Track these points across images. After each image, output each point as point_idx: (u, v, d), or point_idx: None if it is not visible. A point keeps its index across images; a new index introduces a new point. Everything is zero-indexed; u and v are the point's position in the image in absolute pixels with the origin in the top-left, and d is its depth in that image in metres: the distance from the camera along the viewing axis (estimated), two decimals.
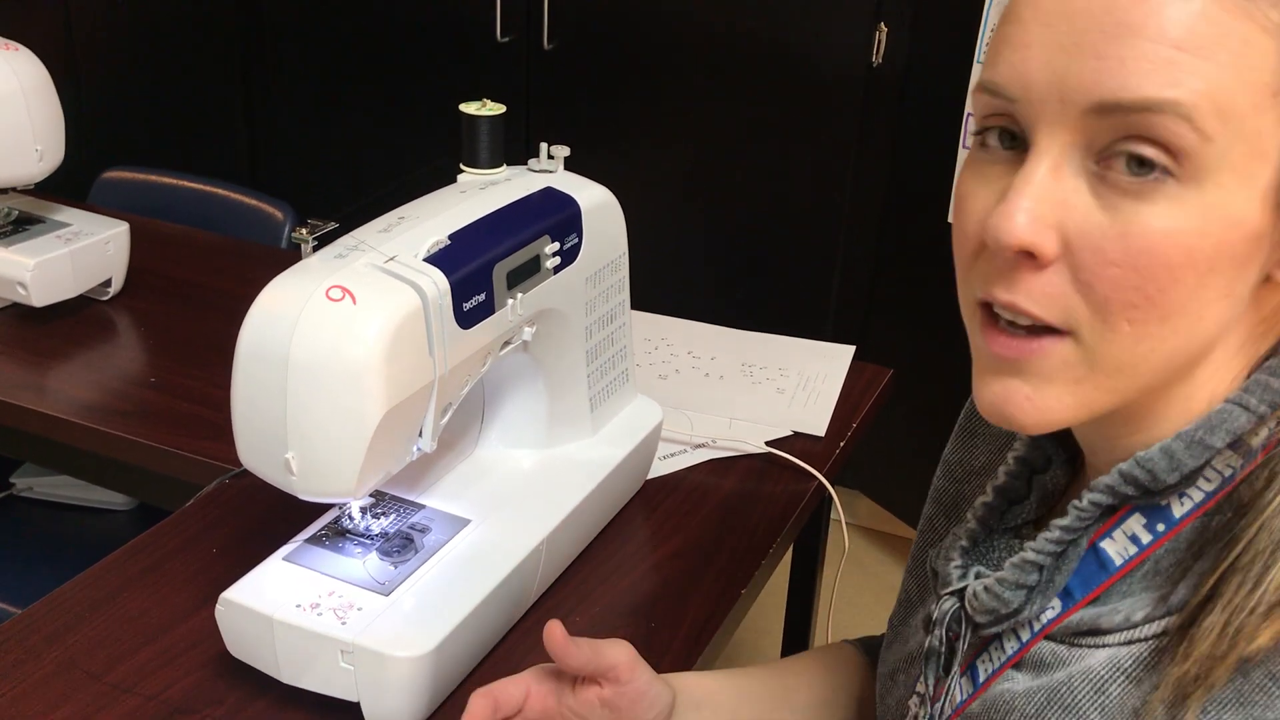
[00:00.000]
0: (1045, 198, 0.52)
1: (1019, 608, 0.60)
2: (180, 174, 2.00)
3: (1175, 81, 0.49)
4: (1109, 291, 0.51)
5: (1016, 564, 0.61)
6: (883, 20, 2.07)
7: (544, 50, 2.32)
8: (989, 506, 0.68)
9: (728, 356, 1.41)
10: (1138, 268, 0.51)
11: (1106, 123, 0.50)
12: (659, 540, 1.09)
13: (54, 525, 1.58)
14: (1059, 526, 0.59)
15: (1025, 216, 0.52)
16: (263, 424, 0.78)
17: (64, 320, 1.44)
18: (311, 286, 0.77)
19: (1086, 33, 0.50)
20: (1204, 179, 0.50)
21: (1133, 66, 0.49)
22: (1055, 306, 0.53)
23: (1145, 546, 0.58)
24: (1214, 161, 0.50)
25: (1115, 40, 0.50)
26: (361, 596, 0.85)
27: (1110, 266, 0.51)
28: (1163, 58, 0.49)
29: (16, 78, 1.35)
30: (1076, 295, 0.52)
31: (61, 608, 0.96)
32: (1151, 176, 0.50)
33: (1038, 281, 0.53)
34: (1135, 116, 0.50)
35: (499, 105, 0.97)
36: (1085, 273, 0.52)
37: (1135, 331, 0.52)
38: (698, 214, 2.36)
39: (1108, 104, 0.50)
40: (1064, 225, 0.52)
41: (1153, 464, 0.56)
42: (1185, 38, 0.49)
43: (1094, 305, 0.52)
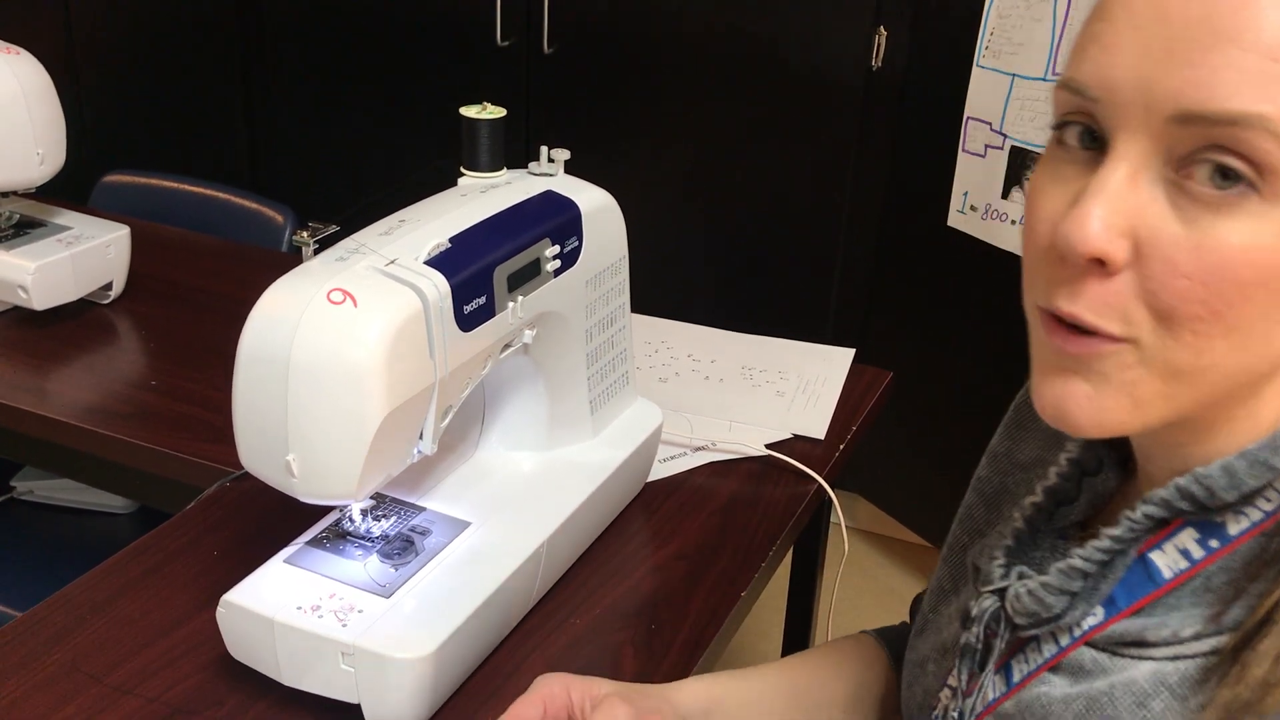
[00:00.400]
0: (1120, 205, 0.51)
1: (1060, 613, 0.60)
2: (181, 177, 2.00)
3: (1268, 96, 0.47)
4: (1175, 302, 0.50)
5: (1063, 570, 0.60)
6: (882, 23, 2.07)
7: (544, 54, 2.32)
8: (1037, 507, 0.67)
9: (728, 359, 1.41)
10: (1208, 282, 0.50)
11: (1190, 131, 0.49)
12: (659, 543, 1.09)
13: (54, 528, 1.58)
14: (1109, 535, 0.58)
15: (1099, 224, 0.51)
16: (264, 426, 0.79)
17: (65, 324, 1.44)
18: (312, 289, 0.77)
19: (1179, 39, 0.49)
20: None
21: (1224, 76, 0.48)
22: (1117, 316, 0.52)
23: (1196, 561, 0.56)
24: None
25: (1209, 48, 0.48)
26: (362, 599, 0.85)
27: (1180, 278, 0.50)
28: (1257, 69, 0.47)
29: (18, 81, 1.36)
30: (1140, 303, 0.51)
31: (62, 610, 0.96)
32: (1234, 190, 0.49)
33: (1102, 290, 0.52)
34: (1222, 129, 0.48)
35: (499, 108, 0.98)
36: (1153, 282, 0.51)
37: (1198, 343, 0.51)
38: (698, 217, 2.36)
39: (1194, 114, 0.49)
40: (1136, 233, 0.51)
41: (1212, 481, 0.55)
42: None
43: (1158, 314, 0.51)
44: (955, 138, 2.00)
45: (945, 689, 0.69)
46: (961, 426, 2.14)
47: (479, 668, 0.92)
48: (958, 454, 2.00)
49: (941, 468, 2.21)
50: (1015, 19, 1.87)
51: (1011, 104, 1.90)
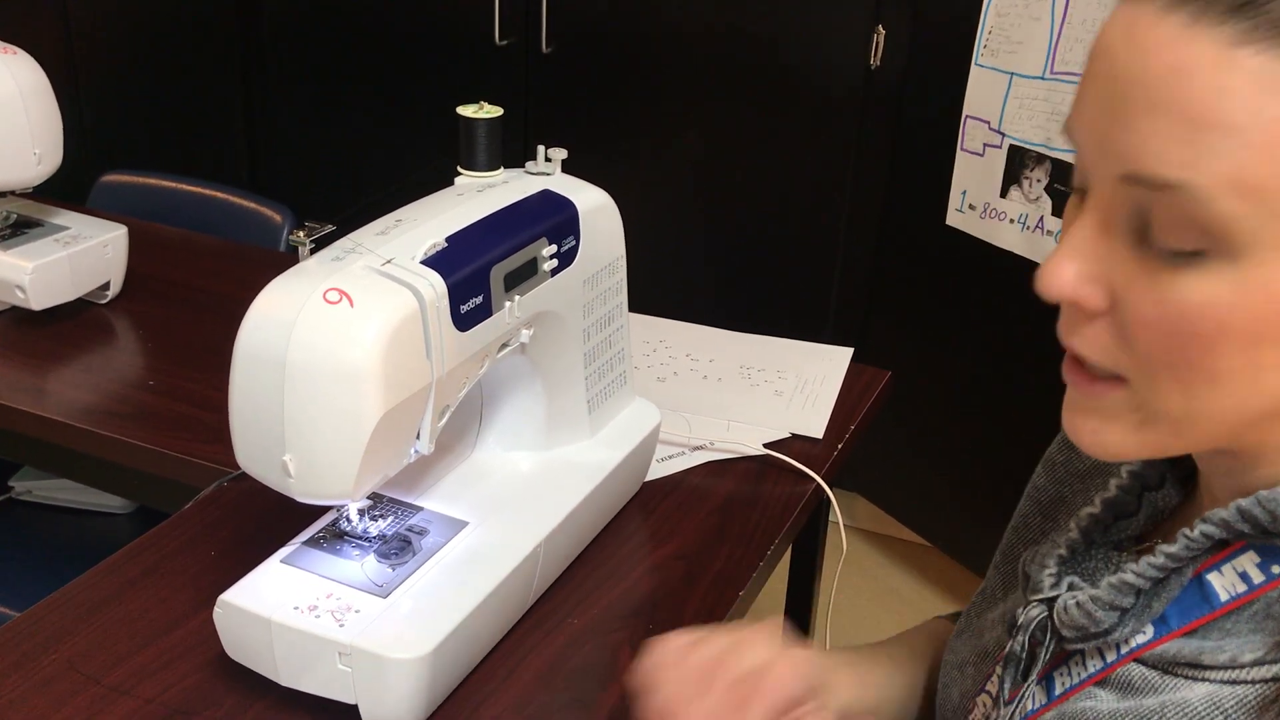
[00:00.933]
0: (1090, 253, 0.53)
1: (1109, 629, 0.59)
2: (179, 177, 2.00)
3: (1191, 163, 0.48)
4: (1149, 350, 0.52)
5: (1115, 584, 0.59)
6: (881, 22, 2.07)
7: (542, 53, 2.32)
8: (1094, 518, 0.66)
9: (726, 359, 1.41)
10: (1172, 334, 0.51)
11: (1139, 191, 0.50)
12: (657, 542, 1.09)
13: (52, 528, 1.58)
14: (1165, 553, 0.57)
15: (1067, 272, 0.53)
16: (260, 426, 0.78)
17: (62, 323, 1.44)
18: (309, 289, 0.77)
19: (1123, 100, 0.50)
20: (1240, 255, 0.49)
21: (1154, 144, 0.49)
22: (1107, 355, 0.54)
23: (1256, 586, 0.55)
24: (1248, 238, 0.48)
25: (1144, 113, 0.49)
26: (359, 599, 0.85)
27: (1147, 329, 0.52)
28: (1183, 137, 0.48)
29: (15, 81, 1.35)
30: (1123, 347, 0.53)
31: (60, 610, 0.96)
32: (1189, 248, 0.50)
33: (1090, 329, 0.54)
34: (1159, 193, 0.49)
35: (496, 108, 0.98)
36: (1126, 329, 0.53)
37: (1183, 389, 0.52)
38: (696, 216, 2.36)
39: (1134, 176, 0.50)
40: (1110, 280, 0.53)
41: (1276, 505, 0.54)
42: (1209, 116, 0.47)
43: (1138, 360, 0.53)
44: (954, 137, 2.00)
45: (983, 694, 0.68)
46: (961, 425, 2.15)
47: (476, 668, 0.92)
48: (957, 453, 2.00)
49: (941, 467, 2.21)
50: (1014, 18, 1.87)
51: (1010, 103, 1.90)
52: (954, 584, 2.32)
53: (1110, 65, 0.51)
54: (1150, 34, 0.49)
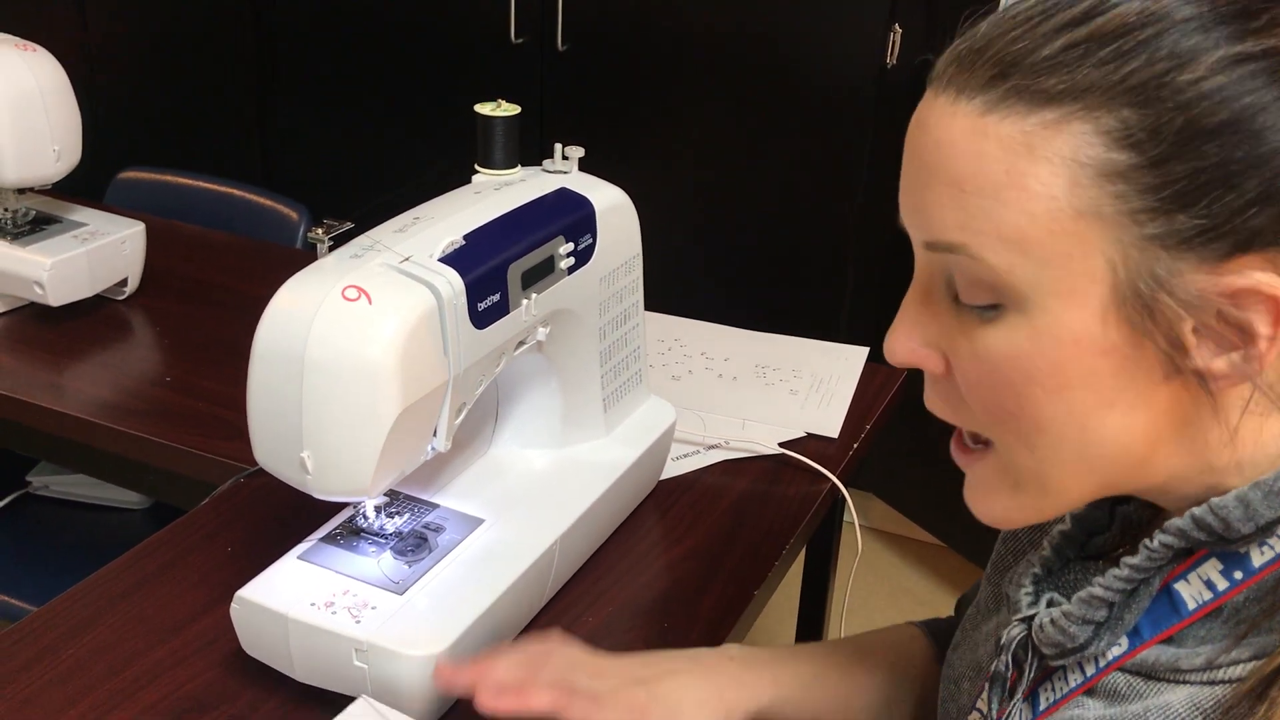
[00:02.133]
0: (919, 320, 0.57)
1: (1085, 643, 0.60)
2: (195, 175, 2.01)
3: (962, 224, 0.52)
4: (982, 406, 0.56)
5: (1084, 599, 0.60)
6: (896, 21, 2.07)
7: (558, 51, 2.32)
8: (1065, 535, 0.67)
9: (741, 357, 1.41)
10: (991, 387, 0.55)
11: (938, 256, 0.55)
12: (672, 541, 1.09)
13: (69, 523, 1.59)
14: (1129, 565, 0.58)
15: (898, 341, 0.58)
16: (279, 423, 0.79)
17: (80, 320, 1.45)
18: (328, 286, 0.77)
19: (915, 175, 0.55)
20: (1026, 304, 0.52)
21: (931, 212, 0.54)
22: (960, 415, 0.58)
23: (1221, 593, 0.56)
24: (1032, 290, 0.52)
25: (925, 185, 0.54)
26: (376, 595, 0.85)
27: (973, 386, 0.56)
28: (951, 202, 0.53)
29: (35, 78, 1.36)
30: (965, 406, 0.57)
31: (77, 605, 0.96)
32: (985, 304, 0.54)
33: (940, 390, 0.58)
34: (947, 255, 0.54)
35: (514, 106, 0.98)
36: (960, 388, 0.56)
37: (1023, 443, 0.55)
38: (710, 215, 2.36)
39: (929, 243, 0.55)
40: (940, 345, 0.57)
41: (1227, 513, 0.55)
42: (970, 180, 0.52)
43: (983, 420, 0.57)
44: None
45: (975, 711, 0.69)
46: None
47: None
48: None
49: (954, 467, 2.20)
50: None
51: None
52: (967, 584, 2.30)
53: (910, 146, 0.56)
54: (929, 114, 0.54)
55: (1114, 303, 0.51)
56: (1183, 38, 0.49)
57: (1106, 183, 0.50)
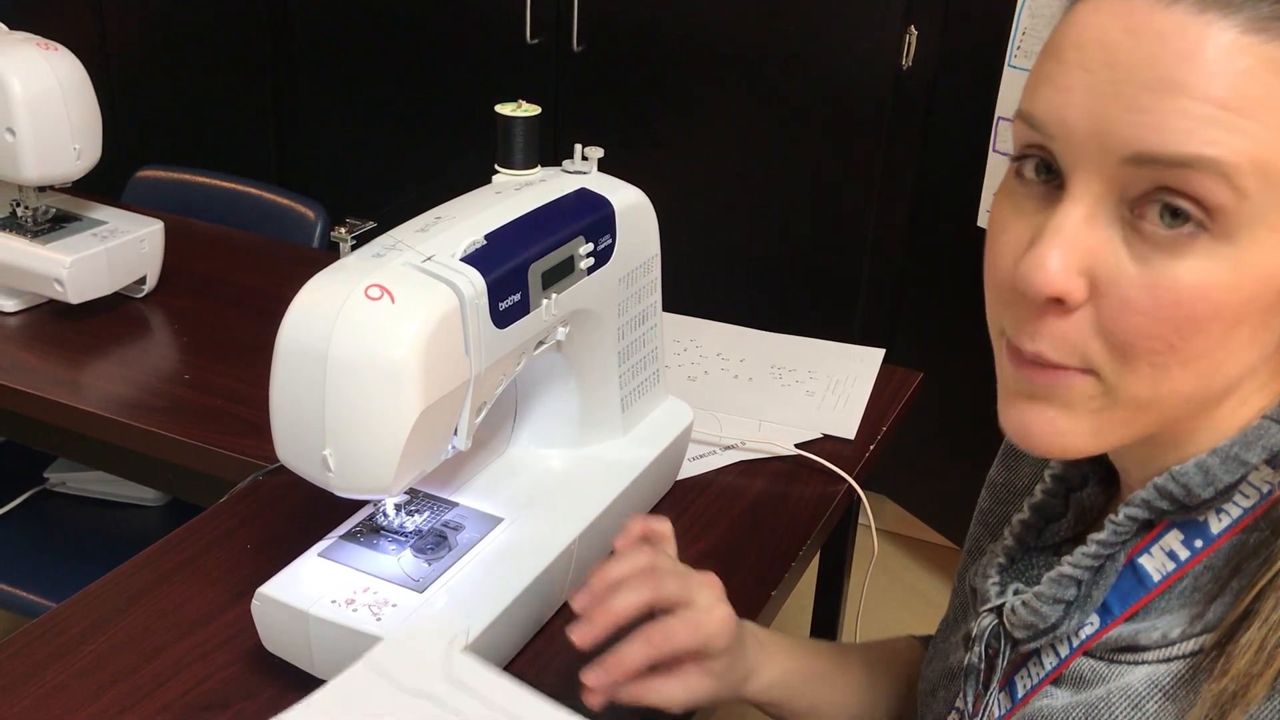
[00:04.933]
0: (1077, 245, 0.52)
1: (1056, 623, 0.60)
2: (213, 173, 2.01)
3: (1215, 140, 0.49)
4: (1132, 338, 0.52)
5: (1054, 579, 0.61)
6: (913, 22, 2.06)
7: (573, 52, 2.33)
8: (1025, 524, 0.68)
9: (757, 358, 1.41)
10: (1163, 319, 0.51)
11: (1143, 172, 0.50)
12: (688, 541, 1.09)
13: (86, 520, 1.60)
14: (1096, 541, 0.59)
15: (1057, 265, 0.52)
16: (301, 420, 0.79)
17: (99, 317, 1.45)
18: (350, 285, 0.78)
19: (1129, 84, 0.50)
20: (1238, 235, 0.50)
21: (1174, 123, 0.49)
22: (1076, 353, 0.54)
23: (1183, 563, 0.57)
24: (1250, 219, 0.50)
25: (1157, 95, 0.49)
26: (396, 593, 0.85)
27: (1136, 315, 0.52)
28: (1205, 116, 0.49)
29: (55, 76, 1.37)
30: (1098, 338, 0.53)
31: (97, 602, 0.97)
32: (1185, 230, 0.50)
33: (1061, 326, 0.53)
34: (1173, 171, 0.50)
35: (534, 106, 0.98)
36: (1109, 319, 0.52)
37: (1155, 374, 0.53)
38: (725, 215, 2.36)
39: (1146, 156, 0.50)
40: (1094, 271, 0.52)
41: (1187, 479, 0.56)
42: (1229, 97, 0.49)
43: (1115, 348, 0.53)
44: (985, 138, 1.99)
45: (953, 712, 0.70)
46: (989, 428, 2.13)
47: (509, 664, 0.92)
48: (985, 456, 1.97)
49: (969, 470, 2.19)
50: (1048, 19, 1.86)
51: None
52: None
53: (1107, 54, 0.51)
54: (1154, 23, 0.50)
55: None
56: None
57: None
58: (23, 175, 1.37)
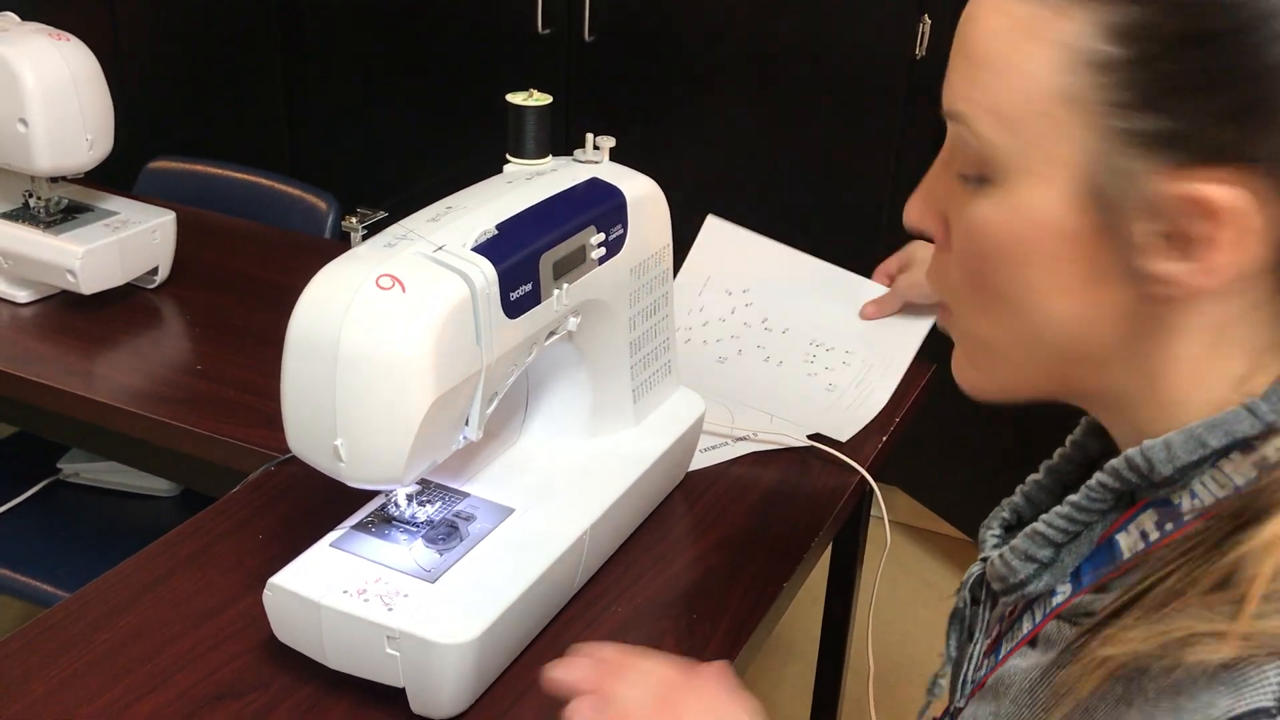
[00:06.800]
0: (934, 187, 0.60)
1: (1025, 580, 0.62)
2: (225, 164, 2.01)
3: (964, 95, 0.56)
4: (959, 274, 0.59)
5: (1028, 534, 0.62)
6: (926, 12, 2.05)
7: (584, 42, 2.32)
8: (1038, 484, 0.69)
9: (800, 331, 1.38)
10: (967, 254, 0.58)
11: (953, 127, 0.57)
12: (700, 532, 1.09)
13: (100, 510, 1.60)
14: (1070, 503, 0.61)
15: (914, 207, 0.62)
16: (312, 411, 0.79)
17: (111, 308, 1.46)
18: (362, 275, 0.77)
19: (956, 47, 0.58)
20: (1006, 180, 0.55)
21: (951, 80, 0.57)
22: (943, 283, 0.61)
23: (1152, 543, 0.58)
24: (1011, 165, 0.55)
25: (956, 55, 0.57)
26: (408, 583, 0.85)
27: (958, 255, 0.59)
28: (964, 73, 0.56)
29: (68, 67, 1.37)
30: (952, 274, 0.60)
31: (110, 592, 0.97)
32: (973, 175, 0.56)
33: (940, 259, 0.61)
34: (952, 125, 0.57)
35: (546, 95, 0.98)
36: (952, 255, 0.60)
37: (982, 312, 0.59)
38: (737, 205, 2.34)
39: (944, 110, 0.57)
40: (947, 214, 0.60)
41: (1153, 453, 0.57)
42: (980, 54, 0.55)
43: (959, 284, 0.60)
44: None
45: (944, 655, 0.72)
46: (1001, 420, 2.13)
47: (521, 654, 0.92)
48: (997, 447, 1.98)
49: (981, 461, 2.19)
50: None
51: None
52: None
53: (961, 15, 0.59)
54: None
55: (1081, 191, 0.53)
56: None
57: (1096, 73, 0.51)
58: (35, 166, 1.37)
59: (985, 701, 0.63)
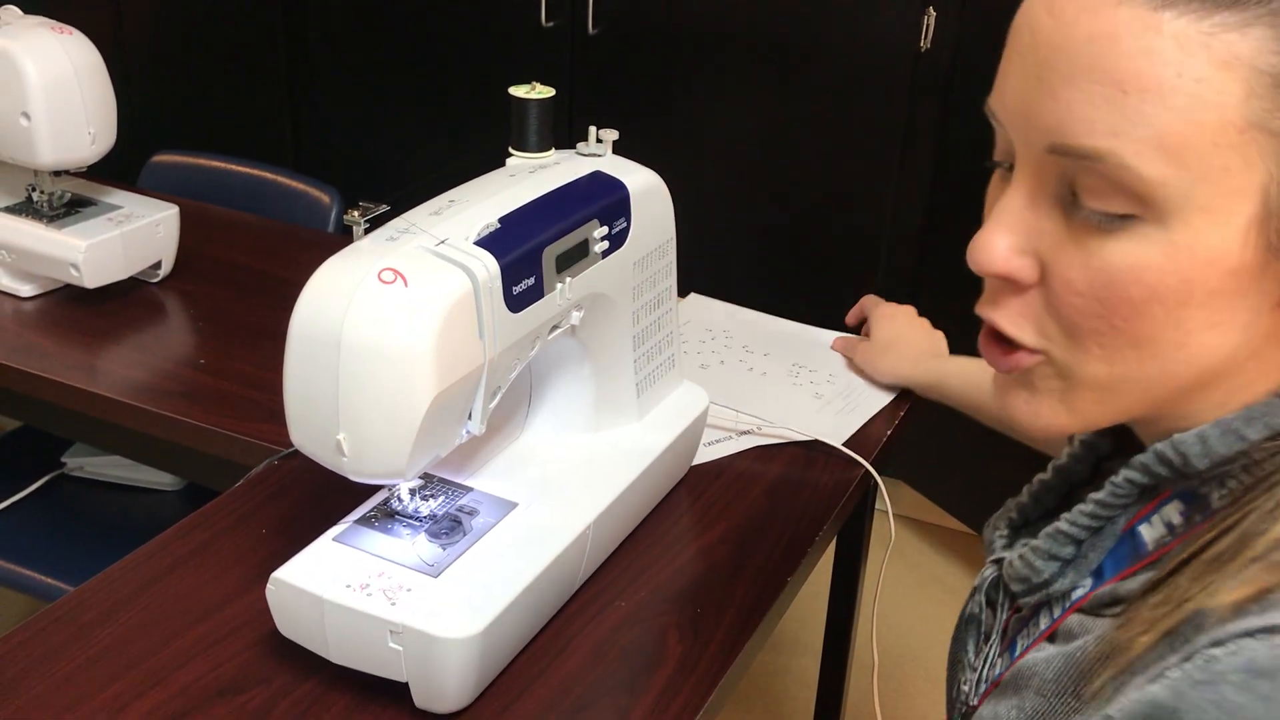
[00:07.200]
0: (1020, 226, 0.54)
1: (1049, 579, 0.61)
2: (228, 158, 2.01)
3: (1117, 130, 0.48)
4: (1076, 318, 0.53)
5: (1050, 534, 0.61)
6: (931, 4, 2.05)
7: (588, 35, 2.32)
8: (1045, 484, 0.68)
9: (781, 355, 1.38)
10: (1101, 299, 0.52)
11: (1066, 161, 0.51)
12: (704, 526, 1.09)
13: (104, 504, 1.60)
14: (1094, 500, 0.59)
15: (1000, 246, 0.54)
16: (315, 405, 0.79)
17: (115, 302, 1.45)
18: (364, 269, 0.77)
19: (1047, 69, 0.50)
20: (1169, 218, 0.49)
21: (1080, 112, 0.49)
22: (1030, 327, 0.55)
23: (1178, 535, 0.57)
24: (1177, 201, 0.49)
25: (1068, 81, 0.49)
26: (411, 578, 0.85)
27: (1076, 296, 0.52)
28: (1108, 102, 0.48)
29: (70, 60, 1.37)
30: (1050, 318, 0.54)
31: (113, 586, 0.97)
32: (1117, 213, 0.50)
33: (1017, 303, 0.55)
34: (1087, 161, 0.50)
35: (548, 88, 0.97)
36: (1055, 298, 0.53)
37: (1106, 355, 0.53)
38: (741, 199, 2.35)
39: (1059, 147, 0.51)
40: (1039, 253, 0.54)
41: (1186, 447, 0.55)
42: (1134, 80, 0.48)
43: (1064, 328, 0.54)
44: None
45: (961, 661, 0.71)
46: None
47: (525, 648, 0.92)
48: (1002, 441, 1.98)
49: (986, 456, 2.18)
50: None
51: None
52: None
53: (1033, 38, 0.51)
54: (1071, 4, 0.50)
55: (1259, 221, 0.49)
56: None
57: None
58: (38, 160, 1.37)
59: (1005, 697, 0.62)
